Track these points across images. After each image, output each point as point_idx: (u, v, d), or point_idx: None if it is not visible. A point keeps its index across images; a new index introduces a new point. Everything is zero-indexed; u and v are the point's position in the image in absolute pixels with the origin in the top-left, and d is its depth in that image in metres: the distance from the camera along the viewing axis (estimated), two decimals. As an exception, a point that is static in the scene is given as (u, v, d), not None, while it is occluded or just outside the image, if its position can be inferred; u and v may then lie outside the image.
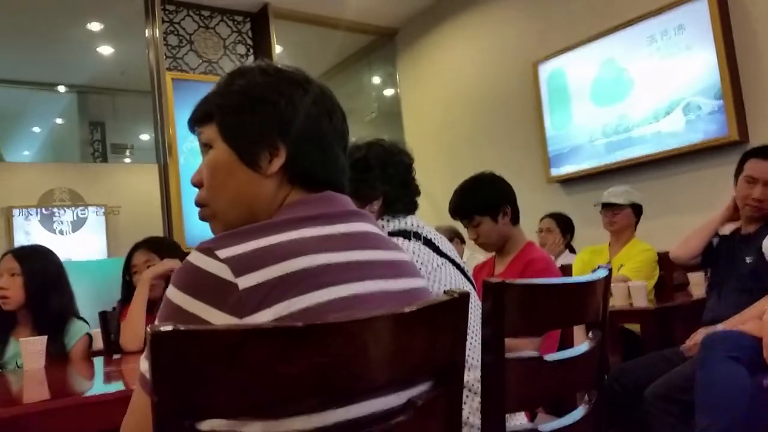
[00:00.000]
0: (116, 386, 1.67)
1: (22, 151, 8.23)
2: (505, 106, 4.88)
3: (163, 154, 4.47)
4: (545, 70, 4.50)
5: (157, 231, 4.20)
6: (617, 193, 3.22)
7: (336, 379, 0.67)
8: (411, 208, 1.49)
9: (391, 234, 1.36)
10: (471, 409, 1.10)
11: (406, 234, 1.37)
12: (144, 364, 0.74)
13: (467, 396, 1.12)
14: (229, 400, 0.62)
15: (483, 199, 2.10)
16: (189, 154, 4.47)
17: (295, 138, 0.86)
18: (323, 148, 0.88)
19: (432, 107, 5.61)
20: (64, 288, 2.31)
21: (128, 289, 2.51)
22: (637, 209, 3.24)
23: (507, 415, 0.91)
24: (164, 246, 2.60)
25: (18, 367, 2.11)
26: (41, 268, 2.26)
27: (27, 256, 2.27)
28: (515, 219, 2.15)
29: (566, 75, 4.37)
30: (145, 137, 7.99)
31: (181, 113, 4.47)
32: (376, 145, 1.51)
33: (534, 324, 1.01)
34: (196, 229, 4.25)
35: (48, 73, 6.74)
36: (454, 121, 5.35)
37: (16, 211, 6.48)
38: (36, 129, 8.09)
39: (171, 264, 2.42)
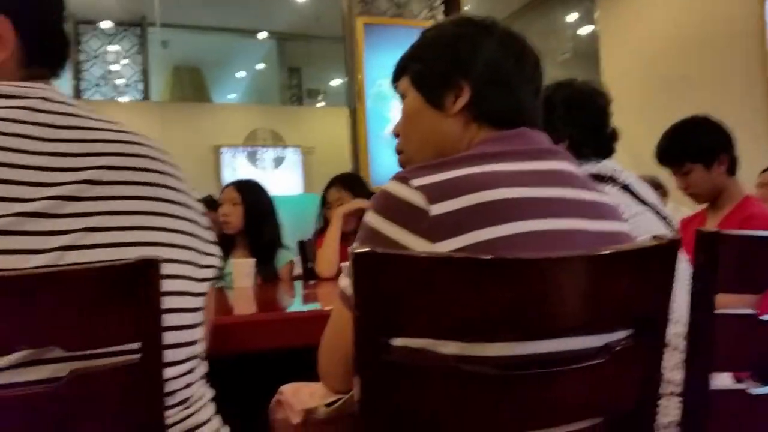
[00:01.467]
0: (313, 306, 1.82)
1: (228, 95, 9.05)
2: (722, 44, 4.34)
3: (353, 99, 4.65)
4: (774, 1, 3.92)
5: (347, 169, 4.42)
6: None
7: (527, 313, 0.66)
8: (603, 152, 1.39)
9: None
10: (669, 365, 1.03)
11: (600, 178, 1.29)
12: (343, 281, 0.79)
13: (665, 351, 1.04)
14: (421, 321, 0.64)
15: (697, 144, 1.90)
16: (376, 98, 4.59)
17: (477, 78, 0.89)
18: (509, 88, 0.89)
19: (635, 46, 5.15)
20: (275, 220, 2.57)
21: (324, 220, 2.70)
22: None
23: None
24: (354, 183, 2.76)
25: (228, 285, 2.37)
26: (257, 201, 2.55)
27: (247, 189, 2.57)
28: (732, 169, 1.92)
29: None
30: (335, 83, 8.37)
31: (370, 58, 4.58)
32: (564, 86, 1.42)
33: (752, 281, 0.90)
34: (380, 168, 4.40)
35: (250, 20, 7.27)
36: (660, 61, 4.88)
37: (224, 149, 7.20)
38: (240, 74, 8.83)
39: (360, 203, 2.59)
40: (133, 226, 0.75)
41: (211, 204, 3.53)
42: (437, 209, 0.72)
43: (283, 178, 7.33)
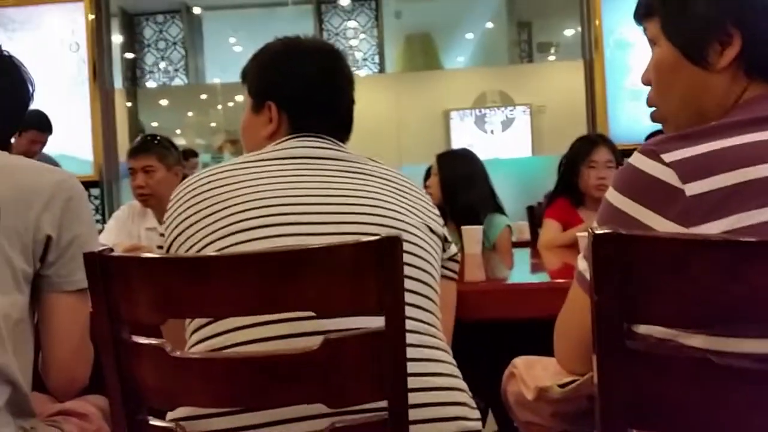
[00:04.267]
0: (541, 277, 1.79)
1: (456, 58, 9.11)
2: None
3: (589, 50, 4.38)
4: None
5: (581, 129, 4.19)
6: None
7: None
8: None
9: None
10: None
11: None
12: (582, 263, 0.76)
13: None
14: (668, 309, 0.60)
15: None
16: (615, 47, 4.26)
17: (752, 21, 0.73)
18: None
19: None
20: (477, 185, 2.56)
21: (566, 182, 2.46)
22: None
23: None
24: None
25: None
26: (452, 171, 2.60)
27: (443, 160, 2.68)
28: None
29: None
30: (569, 33, 7.94)
31: (607, 4, 4.26)
32: None
33: None
34: (621, 126, 4.10)
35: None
36: None
37: (453, 114, 7.30)
38: (469, 35, 8.81)
39: None
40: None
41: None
42: (693, 189, 0.64)
43: (511, 140, 7.21)
